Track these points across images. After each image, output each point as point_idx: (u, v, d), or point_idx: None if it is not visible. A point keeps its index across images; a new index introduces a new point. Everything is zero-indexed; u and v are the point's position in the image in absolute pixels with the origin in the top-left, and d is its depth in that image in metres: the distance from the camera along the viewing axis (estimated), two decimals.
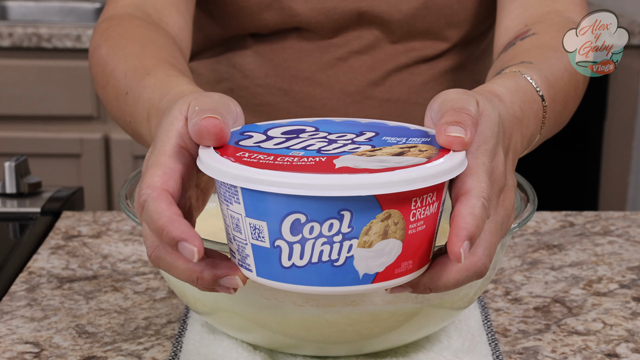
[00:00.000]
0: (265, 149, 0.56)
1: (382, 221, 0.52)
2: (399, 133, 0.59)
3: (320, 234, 0.52)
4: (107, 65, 0.81)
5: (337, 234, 0.52)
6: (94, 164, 2.25)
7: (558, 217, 1.04)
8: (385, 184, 0.51)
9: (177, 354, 0.71)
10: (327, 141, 0.57)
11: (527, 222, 0.69)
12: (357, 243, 0.53)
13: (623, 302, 0.83)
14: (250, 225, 0.54)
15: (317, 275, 0.53)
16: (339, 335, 0.67)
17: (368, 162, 0.53)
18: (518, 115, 0.67)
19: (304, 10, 0.97)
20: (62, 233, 0.97)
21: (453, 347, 0.73)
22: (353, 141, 0.57)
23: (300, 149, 0.56)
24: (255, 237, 0.54)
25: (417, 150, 0.55)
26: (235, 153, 0.55)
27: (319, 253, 0.53)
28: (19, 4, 2.50)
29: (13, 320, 0.78)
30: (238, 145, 0.57)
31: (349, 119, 0.62)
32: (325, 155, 0.55)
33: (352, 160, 0.54)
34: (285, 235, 0.53)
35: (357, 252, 0.53)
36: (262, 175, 0.52)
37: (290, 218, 0.52)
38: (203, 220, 0.82)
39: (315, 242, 0.52)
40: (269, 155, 0.55)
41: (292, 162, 0.53)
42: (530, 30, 0.84)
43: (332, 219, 0.52)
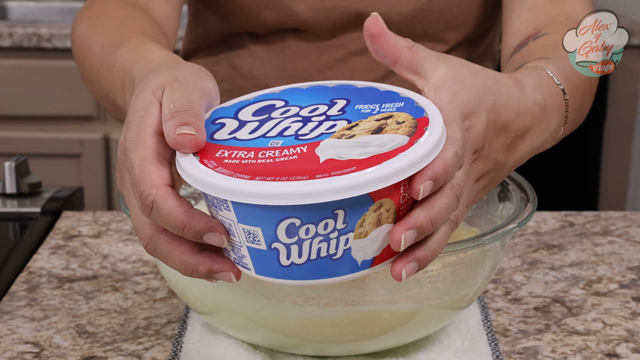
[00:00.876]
0: (241, 140, 0.55)
1: (375, 211, 0.53)
2: (370, 98, 0.58)
3: (317, 233, 0.52)
4: (85, 40, 0.82)
5: (333, 231, 0.52)
6: (94, 164, 2.25)
7: (558, 217, 1.04)
8: (377, 180, 0.51)
9: (177, 354, 0.71)
10: (301, 120, 0.57)
11: (527, 222, 0.69)
12: (353, 236, 0.53)
13: (623, 302, 0.83)
14: (244, 230, 0.54)
15: (317, 270, 0.54)
16: (339, 335, 0.67)
17: (351, 149, 0.53)
18: (541, 103, 0.67)
19: (303, 9, 0.97)
20: (62, 233, 0.97)
21: (453, 347, 0.73)
22: (327, 116, 0.57)
23: (278, 136, 0.55)
24: (250, 240, 0.54)
25: (394, 122, 0.55)
26: (215, 153, 0.54)
27: (316, 250, 0.53)
28: (19, 4, 2.50)
29: (13, 320, 0.78)
30: (214, 141, 0.56)
31: (316, 84, 0.61)
32: (305, 142, 0.54)
33: (333, 147, 0.53)
34: (281, 238, 0.52)
35: (353, 244, 0.53)
36: (253, 187, 0.51)
37: (285, 223, 0.52)
38: None
39: (312, 241, 0.52)
40: (248, 151, 0.54)
41: (274, 159, 0.53)
42: (541, 31, 0.84)
43: (327, 219, 0.52)
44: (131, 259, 0.91)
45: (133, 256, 0.91)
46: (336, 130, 0.55)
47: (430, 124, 0.54)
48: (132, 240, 0.95)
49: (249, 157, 0.54)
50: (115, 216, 1.02)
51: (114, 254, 0.92)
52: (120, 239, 0.95)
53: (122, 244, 0.94)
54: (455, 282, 0.67)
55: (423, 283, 0.65)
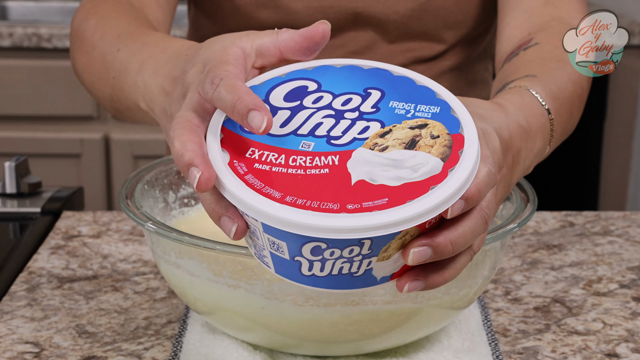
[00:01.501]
0: (273, 137, 0.54)
1: (400, 239, 0.52)
2: (404, 94, 0.56)
3: (341, 256, 0.51)
4: (96, 32, 0.82)
5: (358, 255, 0.52)
6: (94, 164, 2.25)
7: (558, 217, 1.04)
8: (408, 220, 0.50)
9: (177, 354, 0.71)
10: (334, 115, 0.55)
11: (527, 222, 0.69)
12: (376, 259, 0.52)
13: (623, 302, 0.83)
14: (268, 240, 0.53)
15: (336, 282, 0.53)
16: (339, 335, 0.67)
17: (383, 169, 0.51)
18: (524, 125, 0.67)
19: (300, 8, 0.97)
20: (62, 233, 0.97)
21: (453, 347, 0.73)
22: (360, 113, 0.55)
23: (309, 136, 0.54)
24: (274, 249, 0.53)
25: (428, 135, 0.53)
26: (246, 152, 0.53)
27: (339, 269, 0.52)
28: (19, 4, 2.50)
29: (13, 320, 0.78)
30: (245, 134, 0.54)
31: (350, 63, 0.59)
32: (337, 149, 0.53)
33: (365, 164, 0.52)
34: (305, 255, 0.52)
35: (375, 265, 0.53)
36: (282, 214, 0.50)
37: (311, 244, 0.51)
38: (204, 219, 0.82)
39: (336, 261, 0.52)
40: (279, 154, 0.53)
41: (305, 169, 0.52)
42: (533, 39, 0.84)
43: (353, 246, 0.51)
44: (131, 259, 0.91)
45: (133, 256, 0.91)
46: (369, 135, 0.54)
47: (465, 146, 0.53)
48: (132, 240, 0.95)
49: (280, 162, 0.52)
50: (115, 216, 1.02)
51: (114, 254, 0.92)
52: (120, 239, 0.95)
53: (122, 244, 0.94)
54: (455, 282, 0.67)
55: None
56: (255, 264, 0.64)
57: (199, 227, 0.80)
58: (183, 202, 0.82)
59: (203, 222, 0.82)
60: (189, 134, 0.55)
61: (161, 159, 0.81)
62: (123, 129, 2.24)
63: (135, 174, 0.77)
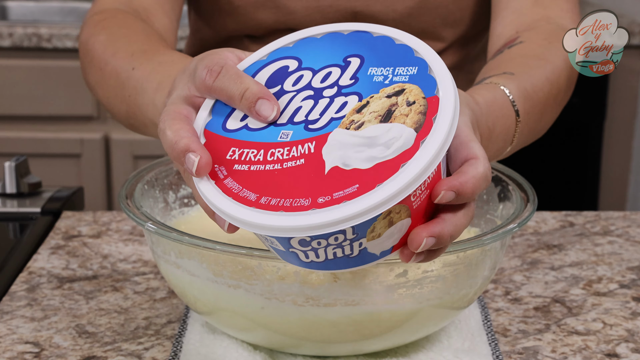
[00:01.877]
0: (252, 131, 0.55)
1: (384, 218, 0.52)
2: (384, 56, 0.56)
3: (328, 244, 0.52)
4: (108, 49, 0.82)
5: (344, 240, 0.52)
6: (94, 164, 2.25)
7: (558, 217, 1.04)
8: (376, 206, 0.50)
9: (177, 354, 0.71)
10: (313, 96, 0.55)
11: (527, 222, 0.69)
12: (366, 240, 0.53)
13: (623, 302, 0.83)
14: (262, 237, 0.54)
15: (337, 264, 0.54)
16: (339, 335, 0.67)
17: (356, 151, 0.52)
18: (490, 126, 0.68)
19: (299, 8, 0.97)
20: (62, 233, 0.97)
21: (453, 347, 0.73)
22: (339, 87, 0.55)
23: (288, 124, 0.54)
24: (269, 244, 0.55)
25: (404, 103, 0.53)
26: (226, 154, 0.54)
27: (332, 254, 0.53)
28: (19, 4, 2.50)
29: (13, 320, 0.78)
30: (227, 133, 0.55)
31: (331, 30, 0.59)
32: (314, 134, 0.53)
33: (340, 147, 0.52)
34: (295, 247, 0.53)
35: (368, 245, 0.53)
36: (256, 219, 0.51)
37: (296, 238, 0.52)
38: (202, 221, 0.82)
39: (327, 248, 0.53)
40: (258, 149, 0.54)
41: (282, 163, 0.52)
42: (519, 38, 0.85)
43: (336, 234, 0.52)
44: (131, 259, 0.91)
45: (133, 256, 0.91)
46: (346, 113, 0.54)
47: (438, 111, 0.52)
48: (132, 240, 0.95)
49: (258, 159, 0.53)
50: (115, 216, 1.02)
51: (114, 254, 0.92)
52: (120, 239, 0.95)
53: (122, 244, 0.94)
54: (455, 282, 0.67)
55: (423, 283, 0.65)
56: (255, 264, 0.64)
57: (199, 227, 0.80)
58: (183, 202, 0.82)
59: (203, 222, 0.82)
60: (180, 123, 0.55)
61: (161, 159, 0.81)
62: (123, 129, 2.24)
63: (135, 174, 0.77)
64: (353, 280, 0.64)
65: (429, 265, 0.65)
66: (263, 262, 0.64)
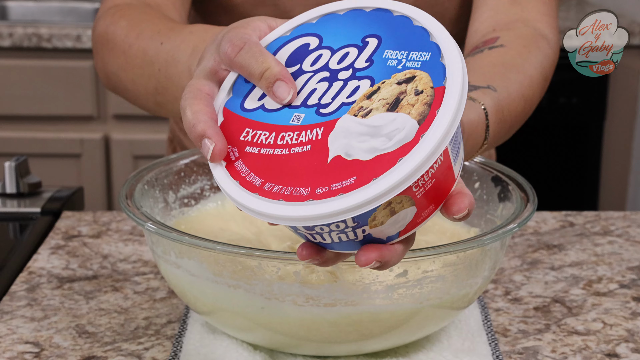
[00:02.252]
0: (268, 113, 0.56)
1: (385, 208, 0.53)
2: (401, 39, 0.57)
3: (331, 230, 0.53)
4: (131, 32, 0.83)
5: (346, 228, 0.53)
6: (94, 164, 2.25)
7: (558, 217, 1.04)
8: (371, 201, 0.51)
9: (177, 354, 0.71)
10: (328, 79, 0.57)
11: (527, 222, 0.69)
12: (368, 227, 0.53)
13: (623, 302, 0.83)
14: None
15: (347, 246, 0.55)
16: (339, 335, 0.67)
17: (360, 140, 0.53)
18: None
19: (297, 6, 0.97)
20: (62, 233, 0.97)
21: (453, 347, 0.73)
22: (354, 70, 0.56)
23: (301, 106, 0.56)
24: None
25: (413, 92, 0.54)
26: (240, 135, 0.56)
27: (337, 238, 0.54)
28: (19, 4, 2.50)
29: (13, 320, 0.78)
30: (244, 112, 0.57)
31: (354, 8, 0.60)
32: (323, 119, 0.55)
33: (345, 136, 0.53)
34: (302, 231, 0.54)
35: (372, 231, 0.54)
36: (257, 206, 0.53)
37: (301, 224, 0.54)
38: (202, 220, 0.82)
39: (331, 233, 0.54)
40: (270, 132, 0.55)
41: (289, 148, 0.54)
42: (499, 39, 0.86)
43: (337, 223, 0.53)
44: (131, 259, 0.91)
45: (133, 256, 0.91)
46: (357, 98, 0.55)
47: (442, 104, 0.53)
48: (132, 240, 0.95)
49: (269, 142, 0.55)
50: (115, 216, 1.02)
51: (114, 254, 0.92)
52: (120, 239, 0.95)
53: (122, 244, 0.94)
54: (455, 282, 0.67)
55: (423, 283, 0.65)
56: (255, 264, 0.64)
57: (199, 227, 0.80)
58: (183, 202, 0.82)
59: (203, 222, 0.82)
60: (200, 104, 0.56)
61: (161, 159, 0.81)
62: (123, 129, 2.24)
63: (135, 174, 0.77)
64: (353, 280, 0.65)
65: (429, 265, 0.65)
66: (263, 262, 0.64)
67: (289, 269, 0.64)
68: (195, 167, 0.83)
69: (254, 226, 0.82)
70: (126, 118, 2.23)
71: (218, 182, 0.56)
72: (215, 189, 0.85)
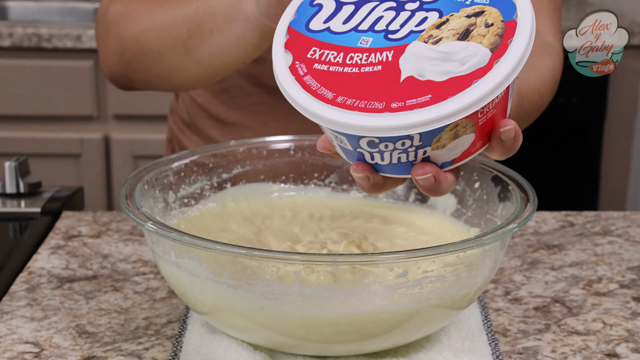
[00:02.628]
0: (334, 34, 0.57)
1: (451, 130, 0.54)
2: None
3: (395, 148, 0.55)
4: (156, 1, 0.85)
5: (411, 147, 0.55)
6: (94, 164, 2.25)
7: (558, 217, 1.04)
8: (447, 116, 0.53)
9: (177, 354, 0.71)
10: (395, 8, 0.58)
11: (527, 222, 0.69)
12: (431, 149, 0.55)
13: (623, 302, 0.83)
14: (332, 134, 0.57)
15: (400, 169, 0.57)
16: (339, 335, 0.67)
17: (432, 64, 0.54)
18: None
19: None
20: (62, 233, 0.97)
21: (453, 347, 0.73)
22: (421, 4, 0.57)
23: (369, 31, 0.57)
24: (338, 142, 0.57)
25: (483, 24, 0.55)
26: (307, 52, 0.57)
27: (397, 158, 0.56)
28: (19, 4, 2.50)
29: (13, 320, 0.78)
30: (309, 33, 0.58)
31: None
32: (392, 44, 0.56)
33: (416, 59, 0.54)
34: (363, 147, 0.56)
35: (431, 154, 0.55)
36: (332, 116, 0.54)
37: (366, 139, 0.55)
38: (202, 220, 0.82)
39: (392, 152, 0.55)
40: (338, 52, 0.56)
41: (360, 67, 0.55)
42: None
43: (404, 139, 0.54)
44: (131, 259, 0.91)
45: (133, 256, 0.91)
46: (425, 27, 0.56)
47: (515, 34, 0.55)
48: (132, 240, 0.95)
49: (337, 61, 0.56)
50: (115, 216, 1.02)
51: (114, 254, 0.92)
52: (120, 239, 0.95)
53: (122, 244, 0.94)
54: (455, 282, 0.67)
55: (423, 283, 0.65)
56: (255, 264, 0.64)
57: (199, 227, 0.80)
58: (183, 202, 0.82)
59: (203, 222, 0.82)
60: None
61: (161, 159, 0.81)
62: (123, 129, 2.24)
63: (135, 174, 0.77)
64: (353, 280, 0.65)
65: (429, 265, 0.65)
66: (263, 262, 0.64)
67: (289, 269, 0.64)
68: (195, 167, 0.83)
69: (254, 226, 0.82)
70: (126, 118, 2.23)
71: (287, 92, 0.56)
72: (215, 189, 0.85)
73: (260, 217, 0.83)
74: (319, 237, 0.80)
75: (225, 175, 0.85)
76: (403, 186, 0.86)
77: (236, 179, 0.86)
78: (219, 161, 0.85)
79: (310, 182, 0.88)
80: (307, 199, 0.87)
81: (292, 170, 0.87)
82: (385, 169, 0.57)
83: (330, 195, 0.88)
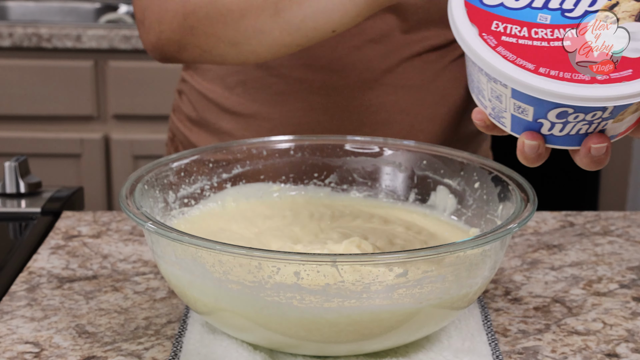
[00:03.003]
0: (510, 10, 0.58)
1: (637, 104, 0.56)
2: None
3: (584, 119, 0.56)
4: None
5: (598, 118, 0.56)
6: (94, 164, 2.25)
7: (558, 217, 1.04)
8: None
9: (177, 354, 0.71)
10: None
11: (527, 222, 0.69)
12: (612, 121, 0.56)
13: (623, 302, 0.83)
14: (514, 104, 0.57)
15: (568, 140, 0.58)
16: (339, 335, 0.67)
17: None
18: None
19: None
20: (62, 233, 0.97)
21: (453, 347, 0.73)
22: None
23: (544, 9, 0.57)
24: (518, 112, 0.57)
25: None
26: (490, 26, 0.57)
27: (577, 129, 0.57)
28: (19, 4, 2.50)
29: (13, 320, 0.78)
30: (486, 7, 0.58)
31: None
32: (572, 22, 0.56)
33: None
34: (550, 118, 0.56)
35: (609, 126, 0.57)
36: (539, 84, 0.54)
37: (558, 110, 0.55)
38: (202, 220, 0.82)
39: (577, 124, 0.56)
40: (521, 27, 0.57)
41: (549, 42, 0.56)
42: None
43: (597, 111, 0.55)
44: (131, 259, 0.91)
45: (133, 256, 0.91)
46: (599, 8, 0.57)
47: None
48: (132, 240, 0.95)
49: (524, 35, 0.57)
50: (115, 216, 1.02)
51: (114, 254, 0.92)
52: (120, 239, 0.95)
53: (122, 244, 0.94)
54: (455, 282, 0.67)
55: (423, 283, 0.65)
56: (255, 264, 0.64)
57: (199, 227, 0.80)
58: (183, 202, 0.82)
59: (203, 222, 0.82)
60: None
61: (161, 159, 0.81)
62: (123, 129, 2.24)
63: (135, 174, 0.77)
64: (353, 280, 0.65)
65: (429, 265, 0.65)
66: (263, 262, 0.64)
67: (289, 268, 0.64)
68: (195, 167, 0.83)
69: (254, 226, 0.82)
70: (126, 118, 2.23)
71: (487, 61, 0.56)
72: (215, 189, 0.85)
73: (260, 217, 0.83)
74: (319, 237, 0.80)
75: (225, 175, 0.85)
76: (403, 186, 0.86)
77: (236, 179, 0.86)
78: (219, 161, 0.85)
79: (310, 182, 0.88)
80: (307, 199, 0.87)
81: (292, 170, 0.87)
82: (558, 140, 0.58)
83: (330, 195, 0.88)
